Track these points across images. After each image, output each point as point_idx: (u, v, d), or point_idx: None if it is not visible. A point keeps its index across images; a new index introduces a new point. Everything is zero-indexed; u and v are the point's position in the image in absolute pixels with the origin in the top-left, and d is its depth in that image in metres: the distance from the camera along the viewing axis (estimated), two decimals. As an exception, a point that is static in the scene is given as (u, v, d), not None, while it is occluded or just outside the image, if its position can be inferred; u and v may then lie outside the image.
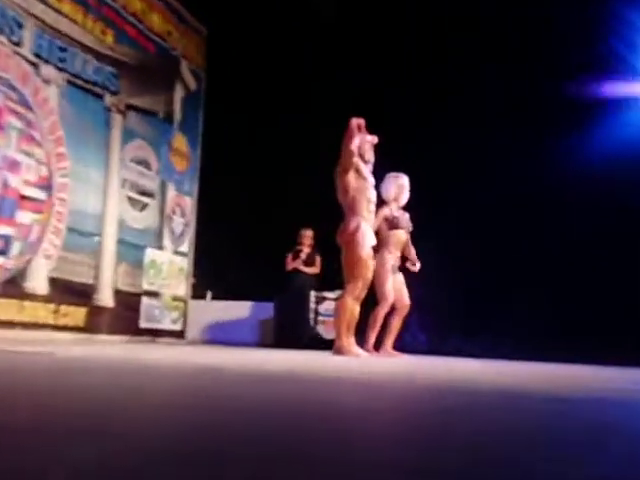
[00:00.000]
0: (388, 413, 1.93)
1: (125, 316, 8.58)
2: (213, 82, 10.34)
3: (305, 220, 9.94)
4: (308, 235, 10.23)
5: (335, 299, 9.66)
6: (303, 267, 10.25)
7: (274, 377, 3.15)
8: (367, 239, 6.47)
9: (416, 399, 2.45)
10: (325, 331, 9.92)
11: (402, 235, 7.43)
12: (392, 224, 7.35)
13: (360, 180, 6.54)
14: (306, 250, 10.25)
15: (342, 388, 2.77)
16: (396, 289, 7.37)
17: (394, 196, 7.43)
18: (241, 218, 10.89)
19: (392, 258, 7.34)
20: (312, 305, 9.99)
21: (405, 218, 7.51)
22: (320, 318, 10.02)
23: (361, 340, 7.07)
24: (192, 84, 9.95)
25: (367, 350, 6.95)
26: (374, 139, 6.66)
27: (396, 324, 7.43)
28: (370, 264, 6.59)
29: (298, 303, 10.02)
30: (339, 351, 6.42)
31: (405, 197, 7.47)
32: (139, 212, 8.90)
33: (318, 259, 10.30)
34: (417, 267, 7.55)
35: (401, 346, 7.72)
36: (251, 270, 10.98)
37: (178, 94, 9.66)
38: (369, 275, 6.59)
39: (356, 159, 6.51)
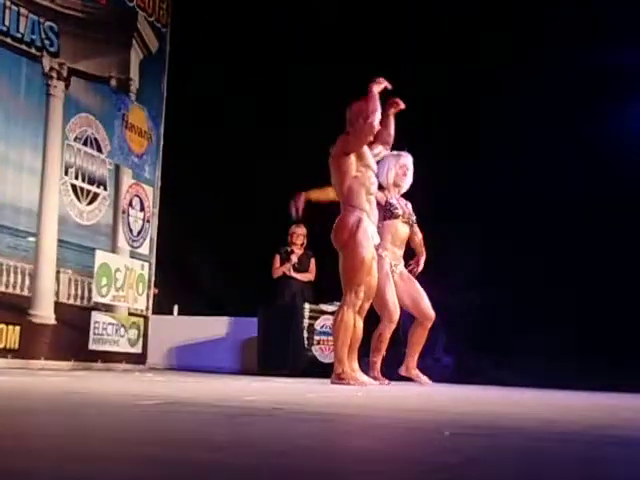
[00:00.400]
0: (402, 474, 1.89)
1: (70, 336, 8.53)
2: (179, 42, 10.31)
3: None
4: (300, 233, 10.22)
5: (333, 313, 9.65)
6: (294, 273, 10.22)
7: (255, 414, 3.11)
8: (369, 237, 6.50)
9: (452, 451, 2.40)
10: (322, 353, 9.89)
11: (400, 227, 7.40)
12: (386, 213, 7.34)
13: (362, 166, 6.57)
14: (298, 252, 10.23)
15: (338, 430, 2.72)
16: (411, 297, 7.33)
17: (394, 180, 7.41)
18: (216, 212, 10.89)
19: (389, 256, 7.31)
20: (306, 321, 9.95)
21: (405, 206, 7.48)
22: (316, 337, 9.99)
23: (365, 364, 7.06)
24: (153, 44, 9.91)
25: (374, 377, 6.94)
26: (400, 104, 6.83)
27: (417, 340, 7.42)
28: (374, 269, 6.58)
29: (288, 318, 9.99)
30: (339, 378, 6.41)
31: (408, 181, 7.46)
32: (87, 205, 8.84)
33: (313, 263, 10.27)
34: (418, 268, 7.55)
35: (422, 370, 7.75)
36: (229, 277, 10.98)
37: (135, 57, 9.62)
38: (373, 282, 6.61)
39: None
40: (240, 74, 10.81)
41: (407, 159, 7.46)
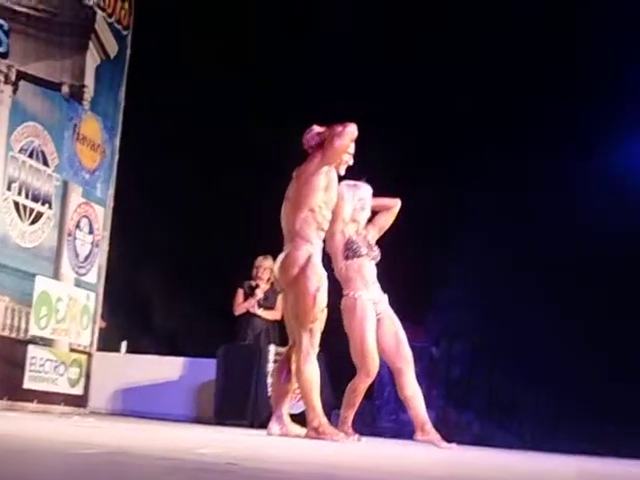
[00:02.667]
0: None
1: (3, 372, 8.45)
2: (142, 47, 10.32)
3: (263, 244, 9.87)
4: (267, 267, 10.16)
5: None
6: (259, 310, 10.18)
7: (207, 469, 3.05)
8: (319, 274, 6.53)
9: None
10: (289, 402, 9.81)
11: (367, 265, 7.31)
12: (348, 252, 7.25)
13: (324, 197, 6.67)
14: (264, 287, 10.18)
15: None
16: (388, 340, 7.23)
17: (352, 215, 7.34)
18: (174, 238, 10.86)
19: (365, 296, 7.19)
20: (270, 365, 9.89)
21: (364, 239, 7.40)
22: (281, 384, 9.94)
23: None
24: (112, 48, 9.90)
25: (345, 432, 6.87)
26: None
27: (416, 391, 7.29)
28: (324, 307, 6.59)
29: (250, 361, 9.94)
30: (317, 432, 6.41)
31: (366, 215, 7.41)
32: (29, 225, 8.77)
33: (280, 299, 10.22)
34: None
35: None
36: (185, 313, 10.93)
37: (91, 61, 9.61)
38: (323, 317, 6.61)
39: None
40: (206, 83, 10.85)
41: (365, 191, 7.40)
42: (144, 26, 10.26)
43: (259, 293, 10.18)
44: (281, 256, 6.64)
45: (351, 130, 6.68)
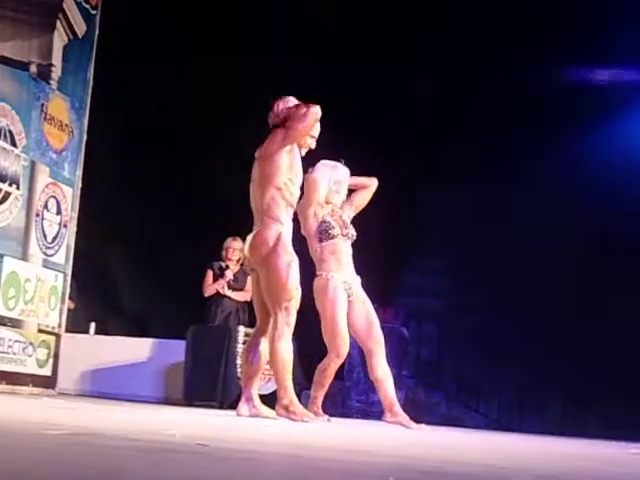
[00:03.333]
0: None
1: (-30, 354, 8.39)
2: (110, 26, 10.24)
3: (233, 226, 9.86)
4: (236, 248, 10.16)
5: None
6: (229, 291, 10.17)
7: (176, 450, 3.05)
8: (290, 252, 6.55)
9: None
10: (259, 382, 9.83)
11: (342, 245, 7.29)
12: (322, 234, 7.24)
13: (289, 176, 6.66)
14: (233, 268, 10.17)
15: (266, 473, 2.67)
16: (359, 322, 7.23)
17: (326, 197, 7.33)
18: (143, 219, 10.81)
19: (337, 277, 7.19)
20: (240, 346, 9.88)
21: (340, 219, 7.37)
22: (251, 364, 9.94)
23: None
24: (80, 28, 9.81)
25: (314, 413, 6.88)
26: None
27: (386, 373, 7.29)
28: (298, 285, 6.60)
29: (220, 342, 9.93)
30: (288, 411, 6.41)
31: (341, 197, 7.39)
32: (-4, 205, 8.71)
33: (250, 281, 10.21)
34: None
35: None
36: (154, 294, 10.89)
37: (59, 41, 9.51)
38: (299, 297, 6.61)
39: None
40: (176, 64, 10.80)
41: (343, 174, 7.38)
42: (113, 5, 10.19)
43: (229, 274, 10.18)
44: (250, 236, 6.63)
45: (314, 111, 6.66)
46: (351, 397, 10.02)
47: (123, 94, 10.76)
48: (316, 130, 6.85)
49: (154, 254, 10.87)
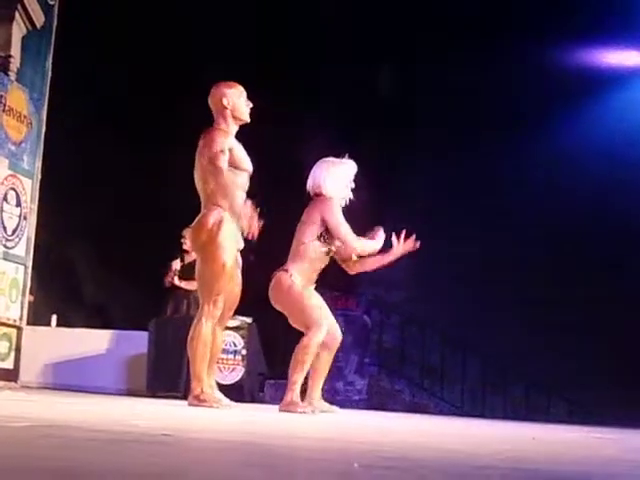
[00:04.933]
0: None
1: None
2: (68, 16, 10.18)
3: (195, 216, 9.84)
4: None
5: (236, 329, 9.60)
6: (179, 282, 10.15)
7: (140, 440, 3.04)
8: (232, 240, 6.41)
9: None
10: (220, 374, 9.82)
11: (322, 259, 7.11)
12: (326, 234, 7.00)
13: (235, 153, 6.52)
14: (189, 258, 10.15)
15: (229, 459, 2.68)
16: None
17: (343, 192, 7.08)
18: (103, 210, 10.77)
19: (300, 280, 7.01)
20: (201, 336, 9.87)
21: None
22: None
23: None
24: (39, 18, 9.75)
25: (309, 402, 6.79)
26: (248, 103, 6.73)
27: (323, 366, 7.20)
28: (237, 276, 6.54)
29: (182, 333, 9.90)
30: (199, 400, 6.30)
31: (348, 192, 7.15)
32: (-46, 198, 8.64)
33: None
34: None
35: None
36: (116, 285, 10.85)
37: (17, 32, 9.45)
38: (236, 290, 6.58)
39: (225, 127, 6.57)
40: (135, 56, 10.76)
41: (352, 168, 7.11)
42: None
43: (174, 265, 10.14)
44: (195, 220, 6.49)
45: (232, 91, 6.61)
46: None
47: (82, 84, 10.69)
48: (245, 96, 6.70)
49: (115, 246, 10.82)
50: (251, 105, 6.70)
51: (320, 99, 11.25)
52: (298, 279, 6.78)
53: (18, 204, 9.52)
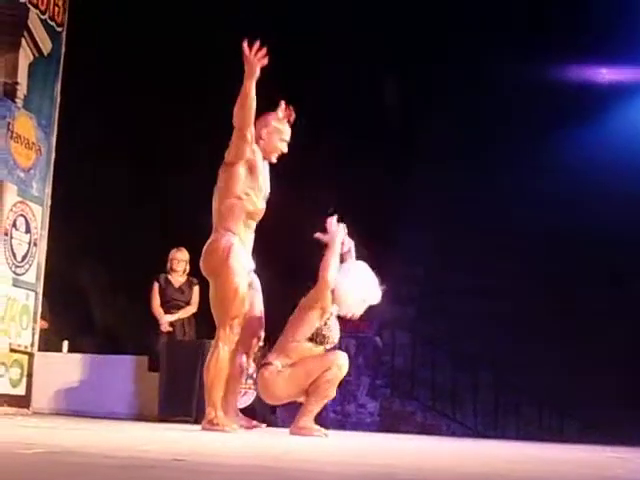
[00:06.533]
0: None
1: (-58, 376, 8.35)
2: (76, 44, 10.22)
3: (201, 239, 9.83)
4: (181, 259, 10.14)
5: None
6: (171, 318, 10.15)
7: (153, 465, 3.03)
8: (242, 265, 6.40)
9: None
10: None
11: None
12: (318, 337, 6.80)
13: (251, 183, 6.48)
14: (179, 280, 10.13)
15: None
16: None
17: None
18: (114, 233, 10.78)
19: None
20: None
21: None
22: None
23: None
24: (46, 45, 9.78)
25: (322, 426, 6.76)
26: (290, 114, 6.64)
27: None
28: (252, 298, 6.52)
29: (193, 356, 9.88)
30: (212, 424, 6.30)
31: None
32: (-36, 226, 8.66)
33: (196, 292, 10.15)
34: None
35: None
36: (127, 309, 10.84)
37: (24, 58, 9.48)
38: (254, 313, 6.55)
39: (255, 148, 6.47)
40: (144, 79, 10.81)
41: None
42: (79, 22, 10.16)
43: (164, 328, 10.10)
44: (206, 245, 6.46)
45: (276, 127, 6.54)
46: (326, 408, 10.02)
47: (91, 110, 10.72)
48: (286, 133, 6.65)
49: (125, 269, 10.82)
50: (285, 150, 6.66)
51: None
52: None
53: (27, 230, 9.53)
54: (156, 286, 10.16)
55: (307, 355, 6.62)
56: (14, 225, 9.31)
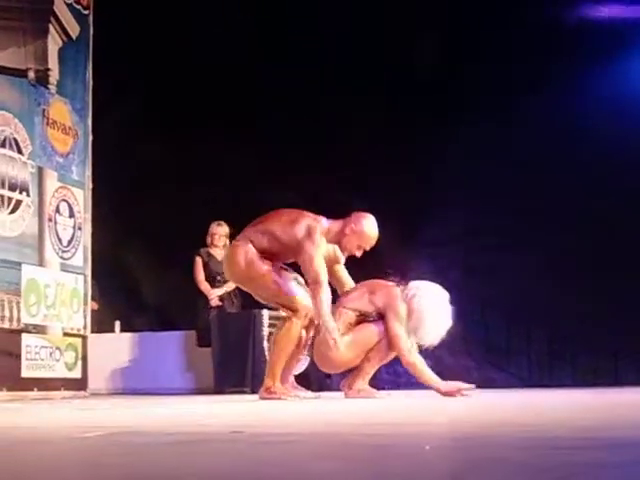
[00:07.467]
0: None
1: (0, 363, 8.41)
2: (103, 26, 10.22)
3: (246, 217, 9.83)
4: (222, 234, 10.00)
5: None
6: (219, 292, 10.12)
7: (212, 439, 3.05)
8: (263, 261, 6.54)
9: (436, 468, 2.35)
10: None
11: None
12: None
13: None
14: (219, 253, 10.01)
15: (307, 453, 2.67)
16: None
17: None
18: (156, 213, 10.80)
19: None
20: (265, 329, 9.87)
21: None
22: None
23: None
24: (73, 29, 9.78)
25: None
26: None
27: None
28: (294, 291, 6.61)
29: (246, 327, 9.92)
30: (269, 392, 6.45)
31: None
32: (9, 214, 8.70)
33: None
34: None
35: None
36: (176, 285, 10.88)
37: (53, 44, 9.48)
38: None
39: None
40: (174, 60, 10.78)
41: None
42: (105, 3, 10.16)
43: (213, 302, 10.06)
44: (226, 258, 6.81)
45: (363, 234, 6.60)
46: (380, 369, 10.04)
47: (125, 91, 10.73)
48: (368, 243, 6.69)
49: (170, 246, 10.85)
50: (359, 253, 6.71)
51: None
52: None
53: (71, 215, 9.59)
54: (199, 260, 10.11)
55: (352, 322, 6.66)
56: (57, 210, 9.37)
